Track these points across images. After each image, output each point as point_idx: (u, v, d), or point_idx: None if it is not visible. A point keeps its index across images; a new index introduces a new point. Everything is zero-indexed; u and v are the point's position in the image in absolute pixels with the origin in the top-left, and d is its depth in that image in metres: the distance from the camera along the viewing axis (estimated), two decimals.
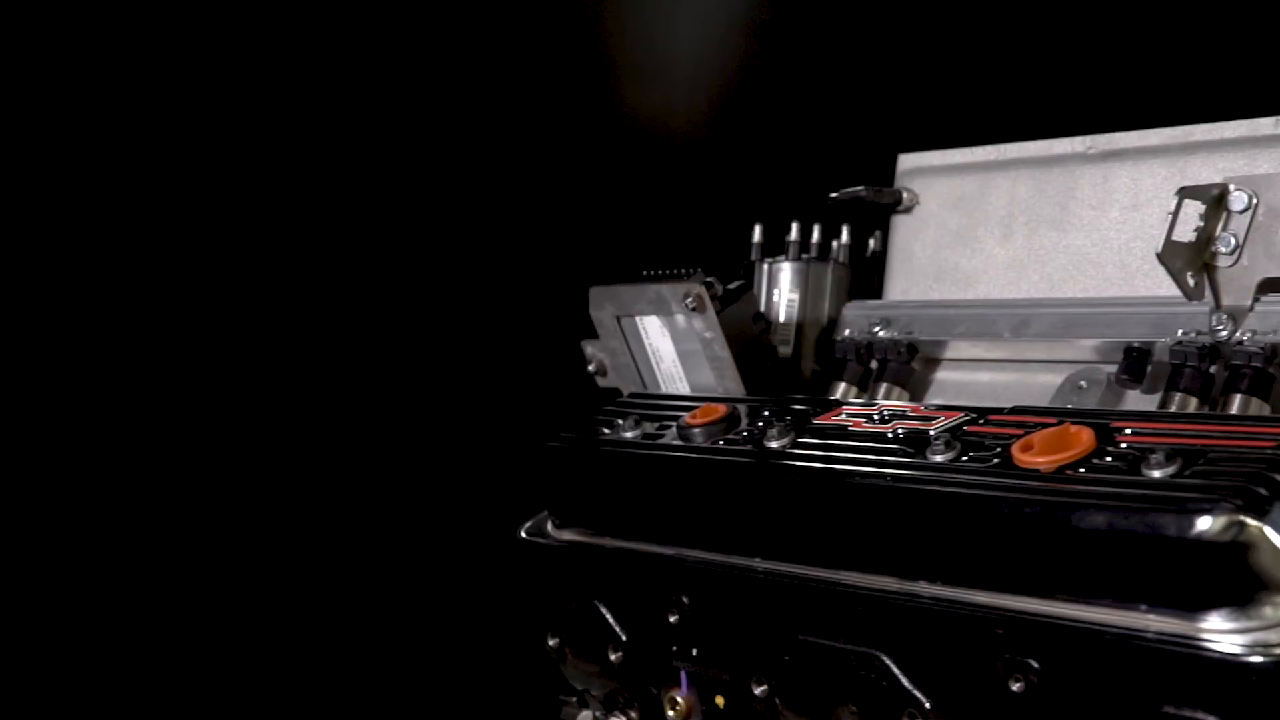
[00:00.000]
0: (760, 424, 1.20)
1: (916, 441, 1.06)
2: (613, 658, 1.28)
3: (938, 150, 1.42)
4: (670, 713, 1.24)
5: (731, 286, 1.35)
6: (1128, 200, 1.25)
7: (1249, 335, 1.09)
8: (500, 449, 1.41)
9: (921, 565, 1.02)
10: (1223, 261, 1.11)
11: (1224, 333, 1.11)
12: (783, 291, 1.47)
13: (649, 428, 1.28)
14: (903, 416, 1.12)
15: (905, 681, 1.04)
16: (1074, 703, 0.94)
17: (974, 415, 1.08)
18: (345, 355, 1.83)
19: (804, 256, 1.47)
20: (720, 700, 1.20)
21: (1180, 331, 1.13)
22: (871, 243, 1.49)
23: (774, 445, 1.14)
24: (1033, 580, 0.96)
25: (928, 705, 1.03)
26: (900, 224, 1.44)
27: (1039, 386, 1.25)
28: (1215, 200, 1.11)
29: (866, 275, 1.51)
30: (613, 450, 1.26)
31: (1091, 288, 1.27)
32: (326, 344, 1.83)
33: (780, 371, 1.46)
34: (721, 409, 1.23)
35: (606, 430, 1.30)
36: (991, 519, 0.98)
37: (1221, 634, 0.86)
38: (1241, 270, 1.11)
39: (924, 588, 1.02)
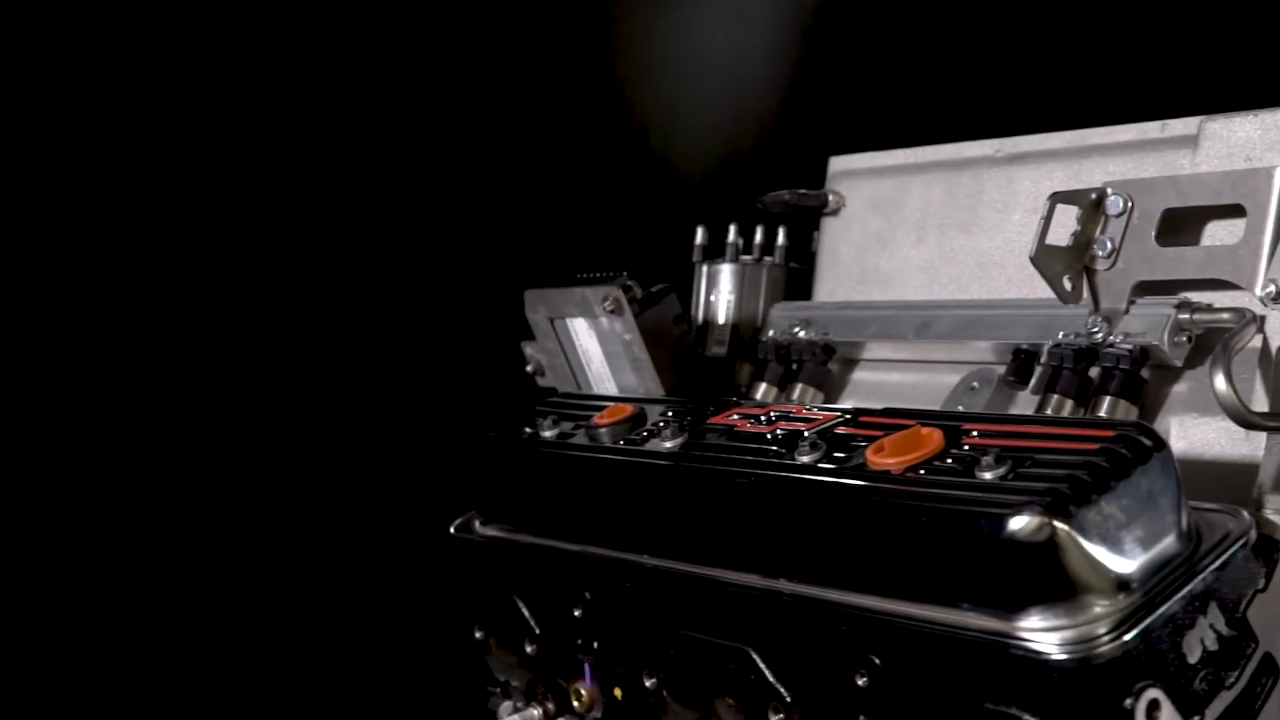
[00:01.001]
0: (659, 425, 1.23)
1: (789, 442, 1.09)
2: (528, 650, 1.32)
3: (864, 153, 1.44)
4: (575, 704, 1.28)
5: (654, 289, 1.38)
6: (1029, 203, 1.27)
7: (1121, 337, 1.11)
8: (446, 447, 1.46)
9: (779, 563, 1.05)
10: (1100, 265, 1.13)
11: (1099, 335, 1.12)
12: (721, 293, 1.51)
13: (566, 427, 1.32)
14: (787, 418, 1.15)
15: (770, 676, 1.08)
16: (911, 699, 0.97)
17: (848, 417, 1.11)
18: (297, 356, 1.90)
19: (741, 259, 1.50)
20: (619, 692, 1.24)
21: (1061, 334, 1.15)
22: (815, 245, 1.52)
23: (662, 446, 1.18)
24: (875, 578, 0.98)
25: (789, 699, 1.06)
26: (828, 226, 1.46)
27: (943, 387, 1.27)
28: (1093, 204, 1.13)
29: (808, 277, 1.54)
30: (524, 449, 1.30)
31: (996, 289, 1.29)
32: (272, 345, 1.89)
33: (717, 372, 1.49)
34: (628, 409, 1.27)
35: (528, 429, 1.34)
36: (836, 518, 1.01)
37: (1033, 633, 0.88)
38: (1118, 273, 1.12)
39: (784, 585, 1.05)
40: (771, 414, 1.17)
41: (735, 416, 1.20)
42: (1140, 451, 0.90)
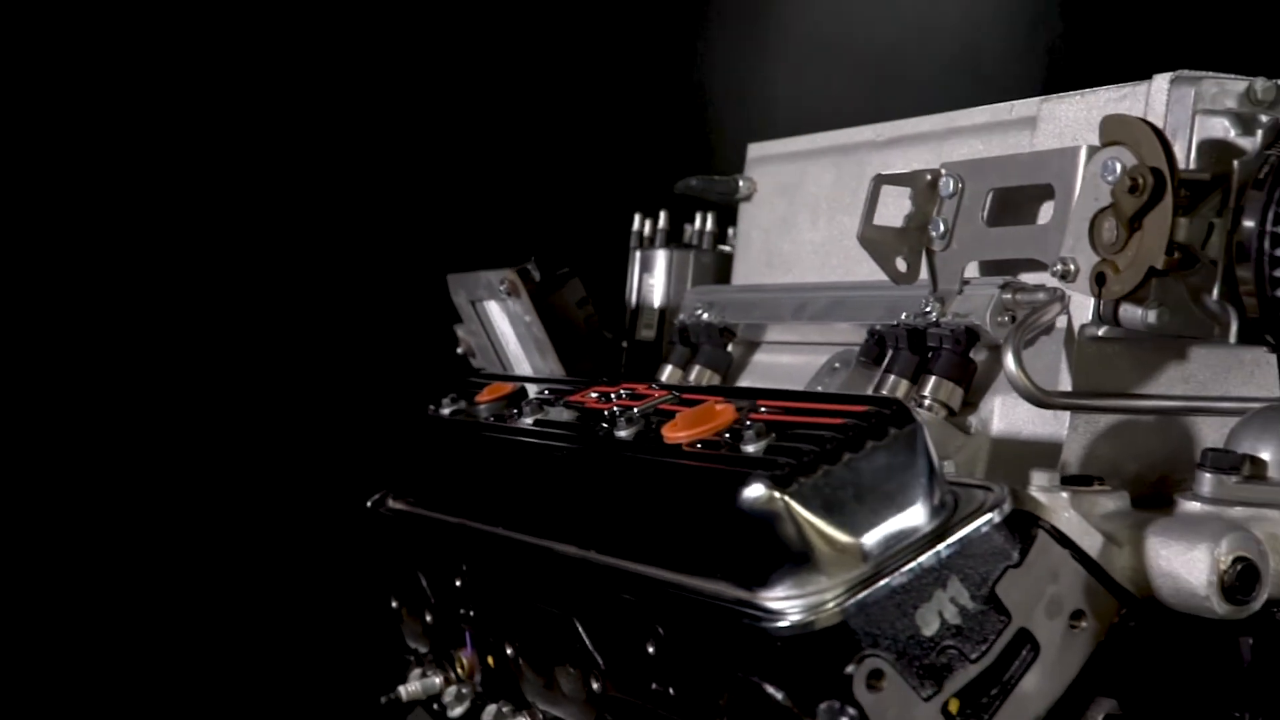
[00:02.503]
0: (527, 403, 1.27)
1: (613, 419, 1.12)
2: (427, 619, 1.37)
3: (777, 140, 1.45)
4: (459, 671, 1.33)
5: (558, 273, 1.42)
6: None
7: (951, 317, 1.11)
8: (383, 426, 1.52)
9: (589, 534, 1.08)
10: (936, 245, 1.13)
11: (933, 315, 1.13)
12: (656, 278, 1.54)
13: (462, 405, 1.37)
14: (633, 396, 1.18)
15: (589, 644, 1.11)
16: (689, 666, 1.00)
17: (676, 395, 1.13)
18: (256, 344, 2.00)
19: (671, 245, 1.53)
20: (491, 660, 1.29)
21: (903, 315, 1.16)
22: None
23: (520, 423, 1.22)
24: (656, 550, 1.01)
25: (603, 666, 1.09)
26: (744, 212, 1.48)
27: (819, 367, 1.29)
28: (928, 186, 1.13)
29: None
30: (416, 425, 1.35)
31: (875, 271, 1.29)
32: (224, 332, 1.99)
33: (647, 355, 1.52)
34: (506, 389, 1.31)
35: (432, 407, 1.39)
36: (617, 489, 1.04)
37: (765, 602, 0.89)
38: (952, 254, 1.12)
39: (594, 556, 1.08)
40: (622, 393, 1.20)
41: (592, 395, 1.23)
42: (880, 427, 0.91)
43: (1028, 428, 1.07)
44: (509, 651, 1.24)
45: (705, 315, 1.41)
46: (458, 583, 1.30)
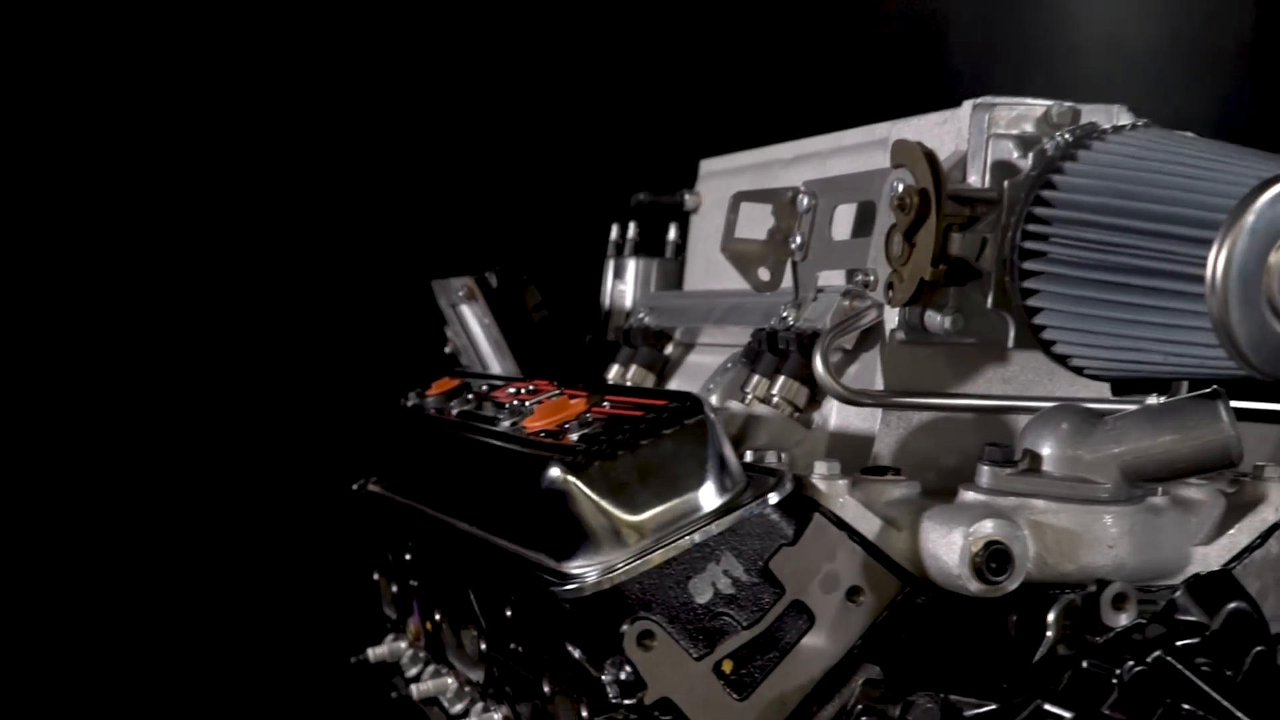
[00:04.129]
0: (463, 397, 1.42)
1: (502, 409, 1.26)
2: (394, 590, 1.54)
3: (725, 155, 1.57)
4: (409, 636, 1.49)
5: (516, 281, 1.57)
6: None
7: (802, 322, 1.22)
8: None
9: (472, 512, 1.23)
10: (796, 256, 1.24)
11: (790, 320, 1.24)
12: (626, 284, 1.67)
13: (420, 398, 1.52)
14: (533, 393, 1.32)
15: (477, 610, 1.26)
16: (530, 628, 1.13)
17: (559, 391, 1.27)
18: (259, 340, 2.17)
19: (640, 254, 1.66)
20: (429, 626, 1.44)
21: (771, 320, 1.27)
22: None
23: (449, 413, 1.37)
24: (507, 526, 1.15)
25: (485, 629, 1.24)
26: (693, 224, 1.61)
27: None
28: (789, 202, 1.24)
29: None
30: (383, 414, 1.52)
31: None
32: (237, 335, 2.17)
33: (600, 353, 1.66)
34: (453, 383, 1.47)
35: (402, 400, 1.56)
36: (484, 472, 1.19)
37: (561, 572, 1.03)
38: (808, 265, 1.23)
39: (475, 530, 1.22)
40: (530, 387, 1.34)
41: (510, 390, 1.37)
42: (672, 420, 1.03)
43: (854, 424, 1.17)
44: (437, 618, 1.39)
45: (646, 319, 1.54)
46: (407, 557, 1.47)
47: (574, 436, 1.08)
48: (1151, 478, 1.04)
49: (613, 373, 1.54)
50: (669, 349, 1.51)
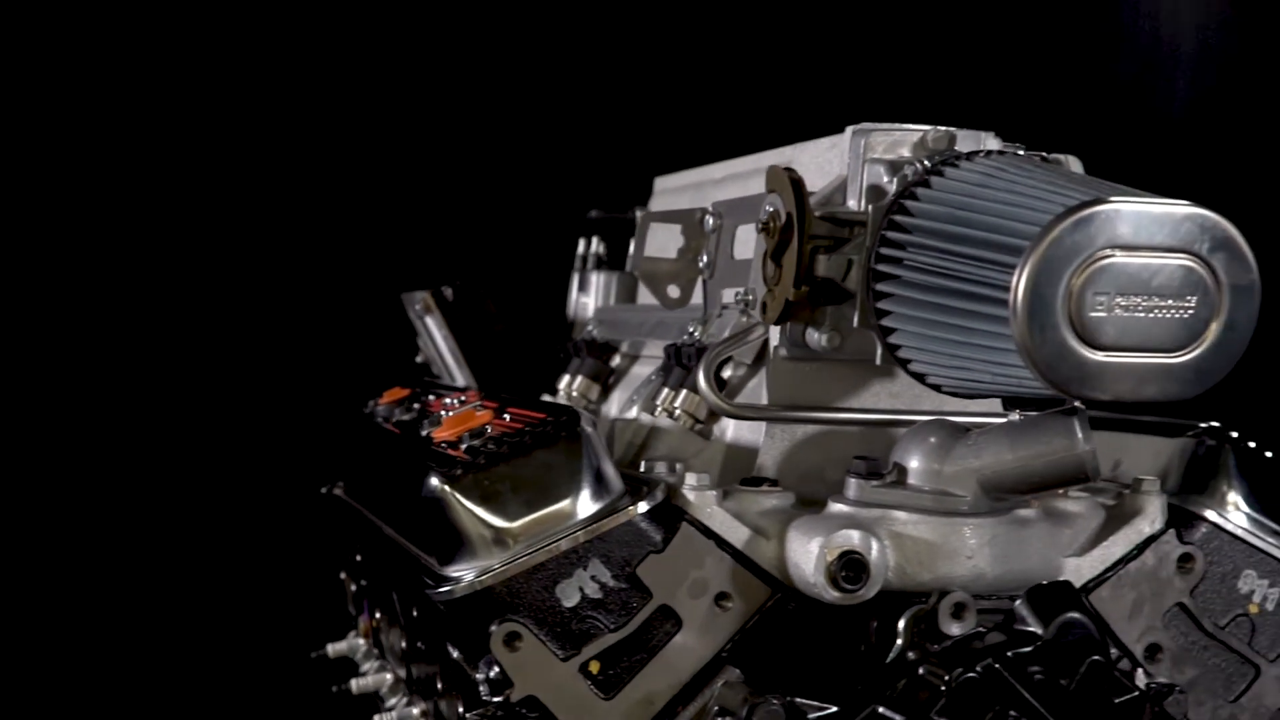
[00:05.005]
0: (407, 406, 1.49)
1: (427, 418, 1.33)
2: (352, 589, 1.61)
3: (675, 173, 1.62)
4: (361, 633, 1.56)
5: (475, 294, 1.63)
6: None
7: (705, 338, 1.27)
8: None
9: (394, 517, 1.29)
10: (705, 275, 1.29)
11: (697, 335, 1.28)
12: (589, 296, 1.73)
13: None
14: (461, 403, 1.38)
15: (399, 610, 1.32)
16: (428, 629, 1.20)
17: (480, 402, 1.33)
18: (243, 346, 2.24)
19: (604, 268, 1.72)
20: (374, 624, 1.51)
21: (681, 336, 1.32)
22: None
23: (387, 422, 1.44)
24: (411, 530, 1.21)
25: (404, 627, 1.30)
26: (647, 239, 1.65)
27: None
28: (697, 222, 1.29)
29: None
30: (341, 420, 1.59)
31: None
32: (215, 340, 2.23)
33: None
34: (403, 393, 1.53)
35: (363, 407, 1.63)
36: (396, 479, 1.25)
37: (441, 575, 1.08)
38: (715, 282, 1.28)
39: (394, 534, 1.29)
40: (460, 400, 1.40)
41: (447, 399, 1.44)
42: (546, 433, 1.08)
43: (746, 436, 1.22)
44: (378, 617, 1.46)
45: (594, 331, 1.59)
46: (358, 558, 1.54)
47: (464, 447, 1.14)
48: (1010, 491, 1.08)
49: (562, 384, 1.60)
50: (616, 360, 1.57)
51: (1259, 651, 1.19)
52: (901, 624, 1.05)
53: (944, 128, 1.14)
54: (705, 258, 1.29)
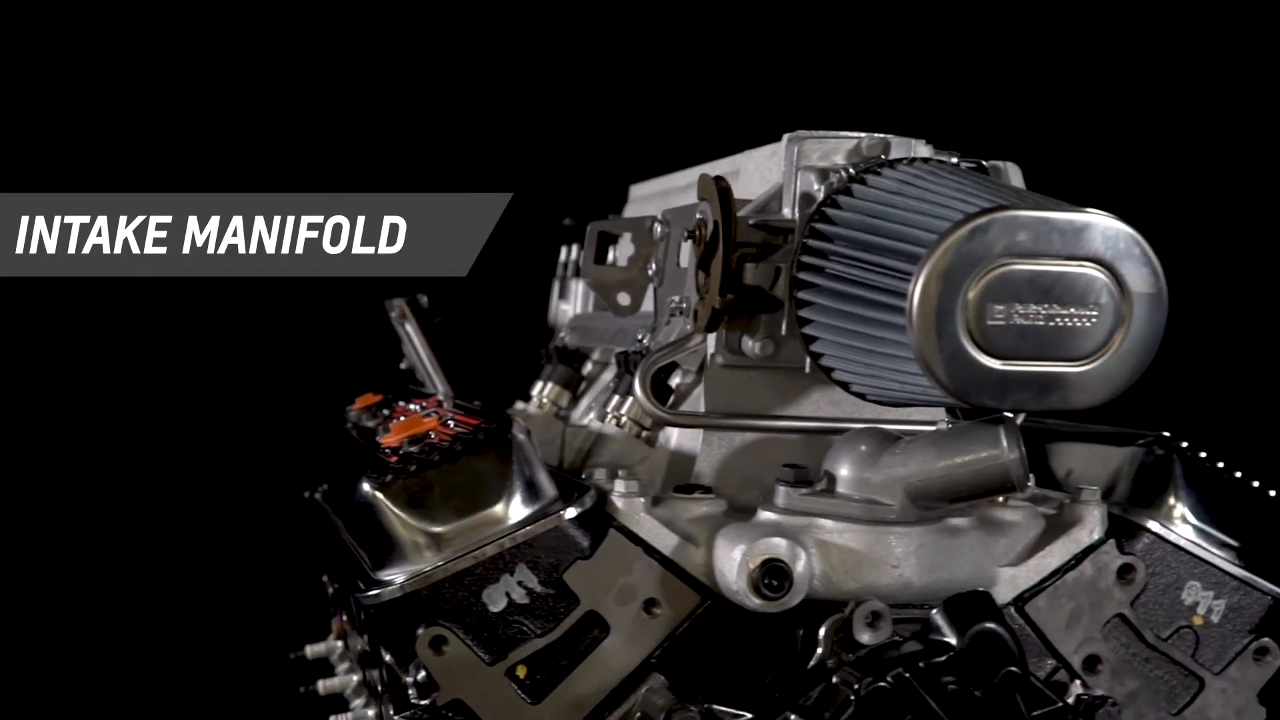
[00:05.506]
0: (378, 412, 1.50)
1: (380, 427, 1.34)
2: (330, 592, 1.63)
3: (648, 181, 1.62)
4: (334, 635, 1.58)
5: (449, 302, 1.64)
6: None
7: (654, 345, 1.27)
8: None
9: (345, 519, 1.30)
10: (654, 282, 1.29)
11: (645, 343, 1.29)
12: (569, 303, 1.74)
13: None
14: (422, 409, 1.39)
15: (358, 612, 1.33)
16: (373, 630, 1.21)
17: (439, 407, 1.34)
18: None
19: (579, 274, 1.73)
20: (344, 626, 1.52)
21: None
22: None
23: (350, 426, 1.46)
24: (356, 533, 1.22)
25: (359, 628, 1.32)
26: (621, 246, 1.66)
27: None
28: (647, 230, 1.30)
29: None
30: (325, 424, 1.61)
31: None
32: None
33: None
34: (375, 398, 1.55)
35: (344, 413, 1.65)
36: (344, 482, 1.26)
37: (373, 580, 1.10)
38: (664, 290, 1.28)
39: (348, 538, 1.30)
40: (421, 405, 1.42)
41: (413, 407, 1.45)
42: (476, 441, 1.09)
43: (688, 444, 1.22)
44: (344, 619, 1.48)
45: (566, 339, 1.60)
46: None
47: (402, 452, 1.15)
48: (937, 500, 1.07)
49: (535, 390, 1.61)
50: (588, 368, 1.57)
51: (1203, 664, 1.18)
52: (822, 632, 1.05)
53: (878, 135, 1.14)
54: (654, 265, 1.29)
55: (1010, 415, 1.04)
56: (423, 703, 1.07)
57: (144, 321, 2.19)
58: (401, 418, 1.34)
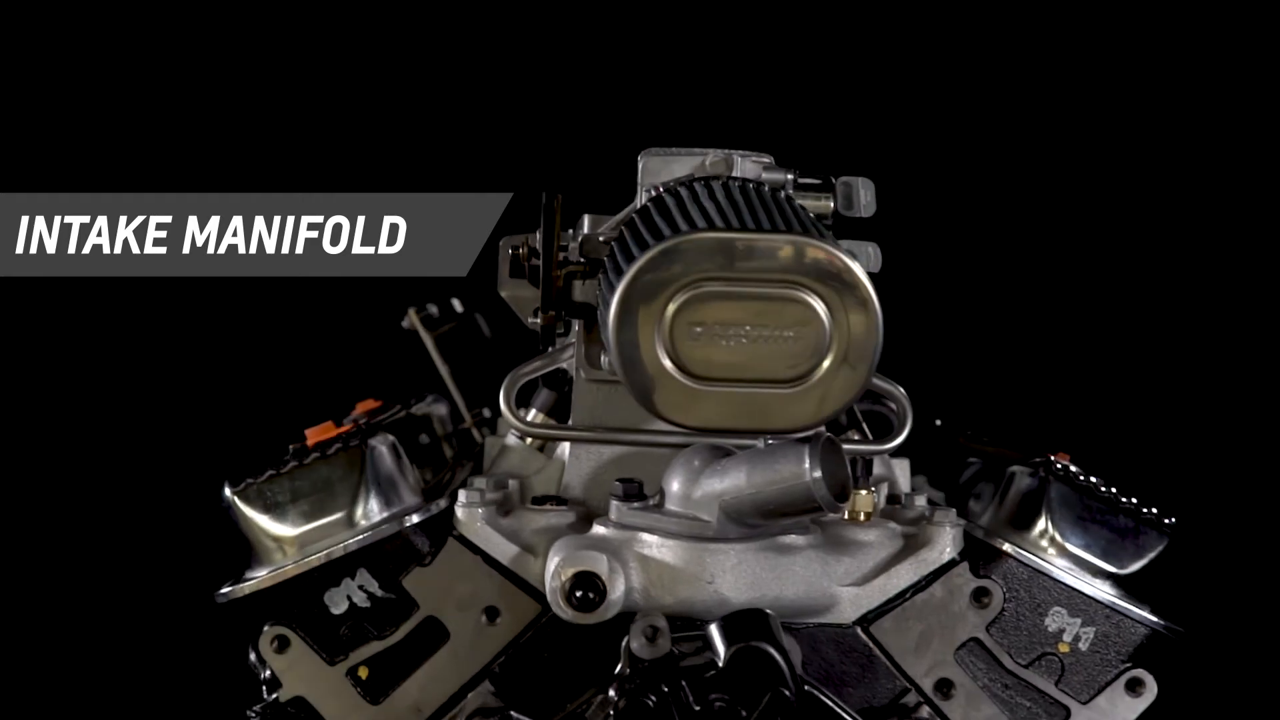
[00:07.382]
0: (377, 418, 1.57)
1: None
2: None
3: None
4: None
5: (461, 313, 1.69)
6: None
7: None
8: None
9: None
10: None
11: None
12: None
13: None
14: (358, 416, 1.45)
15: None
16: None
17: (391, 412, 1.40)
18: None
19: None
20: None
21: None
22: None
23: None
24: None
25: None
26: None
27: None
28: None
29: None
30: None
31: None
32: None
33: None
34: (374, 404, 1.61)
35: None
36: None
37: (241, 579, 1.17)
38: None
39: None
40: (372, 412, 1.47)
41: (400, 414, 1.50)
42: (331, 448, 1.15)
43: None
44: None
45: None
46: None
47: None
48: (750, 517, 1.06)
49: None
50: None
51: (1069, 693, 1.12)
52: (624, 644, 1.06)
53: (722, 151, 1.14)
54: None
55: (823, 433, 1.03)
56: (271, 698, 1.14)
57: (144, 321, 2.20)
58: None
